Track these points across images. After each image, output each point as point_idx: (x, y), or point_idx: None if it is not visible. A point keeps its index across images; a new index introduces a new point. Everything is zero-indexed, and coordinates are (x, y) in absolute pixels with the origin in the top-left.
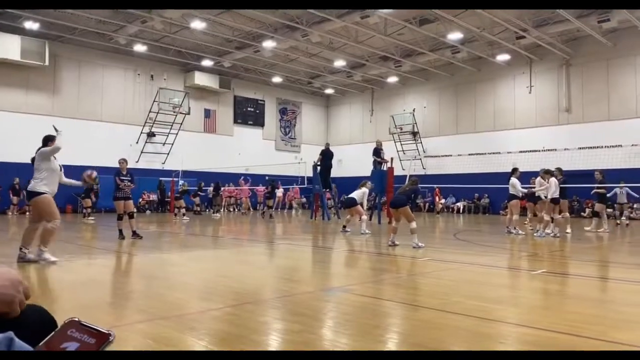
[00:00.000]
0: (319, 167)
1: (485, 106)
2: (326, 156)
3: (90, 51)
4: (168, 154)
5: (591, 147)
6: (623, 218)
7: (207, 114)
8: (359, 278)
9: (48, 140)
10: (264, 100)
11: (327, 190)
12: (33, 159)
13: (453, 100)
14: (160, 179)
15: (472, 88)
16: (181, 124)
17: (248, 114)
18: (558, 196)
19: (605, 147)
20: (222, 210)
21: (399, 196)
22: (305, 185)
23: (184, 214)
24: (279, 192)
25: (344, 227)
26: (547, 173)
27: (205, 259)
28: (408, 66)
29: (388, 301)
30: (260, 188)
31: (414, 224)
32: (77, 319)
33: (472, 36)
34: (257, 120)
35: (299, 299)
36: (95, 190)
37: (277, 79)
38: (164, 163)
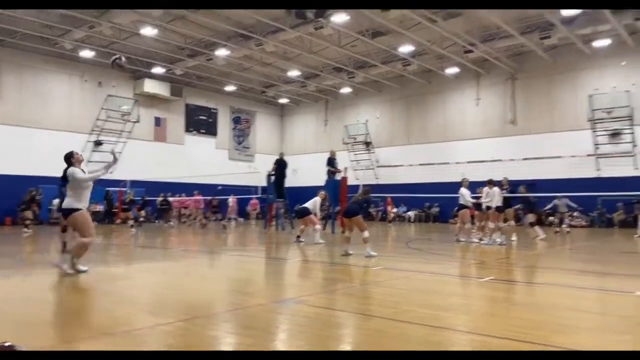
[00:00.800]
0: (273, 177)
1: (435, 117)
2: (280, 166)
3: (33, 55)
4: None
5: (535, 158)
6: (564, 226)
7: (158, 122)
8: (313, 289)
9: (70, 157)
10: (216, 109)
11: (281, 200)
12: (63, 177)
13: (405, 111)
14: (108, 189)
15: (422, 100)
16: (130, 132)
17: (200, 122)
18: (501, 205)
19: (548, 158)
20: (173, 221)
21: (352, 205)
22: (260, 195)
23: (131, 226)
24: (232, 202)
25: (298, 237)
26: (490, 183)
27: (155, 271)
28: (361, 77)
29: (341, 311)
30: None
31: (366, 233)
32: None
33: (423, 49)
34: (209, 129)
35: (251, 312)
36: (37, 201)
37: (230, 88)
38: (111, 172)
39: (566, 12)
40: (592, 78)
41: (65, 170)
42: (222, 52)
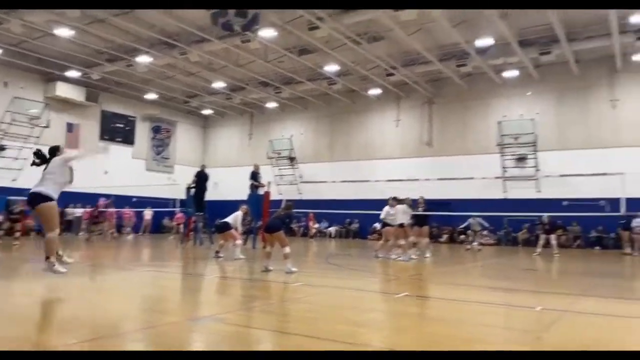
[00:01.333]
0: (192, 190)
1: (358, 136)
2: (201, 178)
3: None
4: (21, 170)
5: (449, 179)
6: (475, 244)
7: (70, 128)
8: (230, 306)
9: (55, 150)
10: (135, 117)
11: (201, 213)
12: (38, 162)
13: (329, 128)
14: (9, 198)
15: (346, 118)
16: (38, 137)
17: (117, 130)
18: (404, 222)
19: (461, 179)
20: (83, 233)
21: (274, 221)
22: (179, 208)
23: (16, 238)
24: (148, 215)
25: (217, 252)
26: (395, 200)
27: (58, 287)
28: (287, 93)
29: (258, 329)
30: (127, 210)
31: (287, 249)
32: None
33: (347, 70)
34: (126, 137)
35: (163, 331)
36: None
37: (151, 96)
38: (15, 180)
39: (480, 43)
40: (501, 106)
41: (49, 159)
42: (143, 59)
